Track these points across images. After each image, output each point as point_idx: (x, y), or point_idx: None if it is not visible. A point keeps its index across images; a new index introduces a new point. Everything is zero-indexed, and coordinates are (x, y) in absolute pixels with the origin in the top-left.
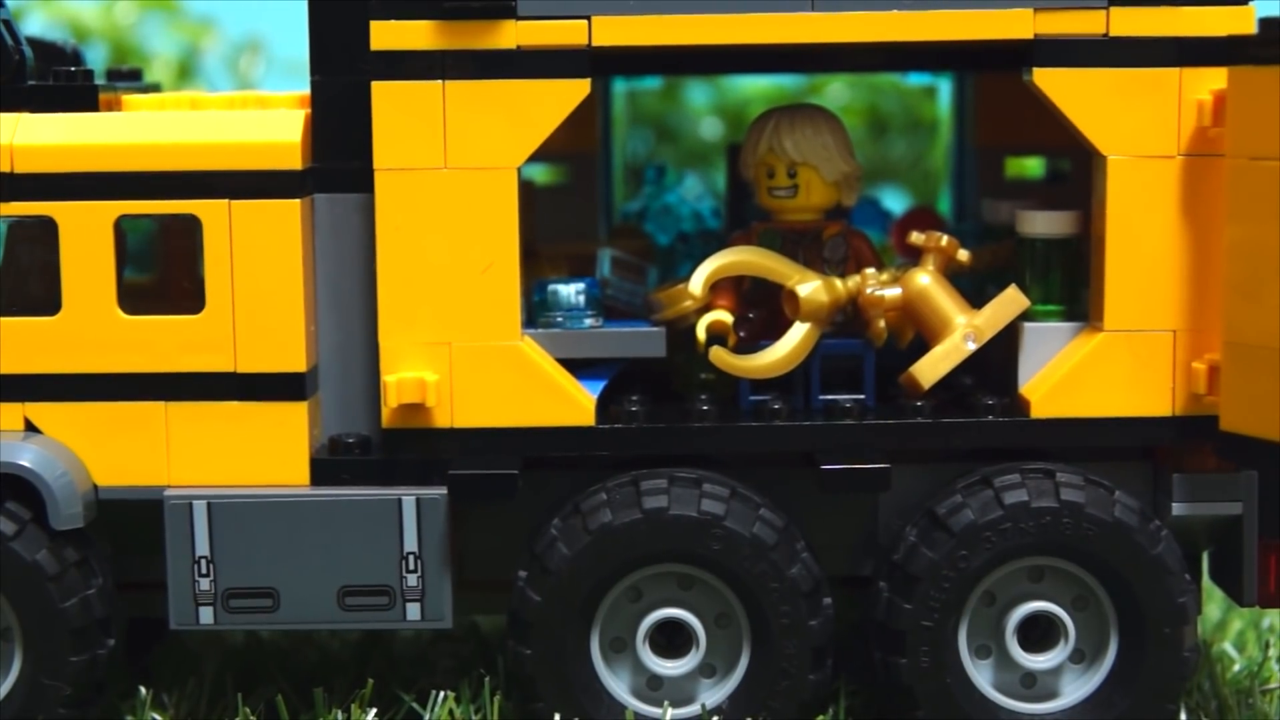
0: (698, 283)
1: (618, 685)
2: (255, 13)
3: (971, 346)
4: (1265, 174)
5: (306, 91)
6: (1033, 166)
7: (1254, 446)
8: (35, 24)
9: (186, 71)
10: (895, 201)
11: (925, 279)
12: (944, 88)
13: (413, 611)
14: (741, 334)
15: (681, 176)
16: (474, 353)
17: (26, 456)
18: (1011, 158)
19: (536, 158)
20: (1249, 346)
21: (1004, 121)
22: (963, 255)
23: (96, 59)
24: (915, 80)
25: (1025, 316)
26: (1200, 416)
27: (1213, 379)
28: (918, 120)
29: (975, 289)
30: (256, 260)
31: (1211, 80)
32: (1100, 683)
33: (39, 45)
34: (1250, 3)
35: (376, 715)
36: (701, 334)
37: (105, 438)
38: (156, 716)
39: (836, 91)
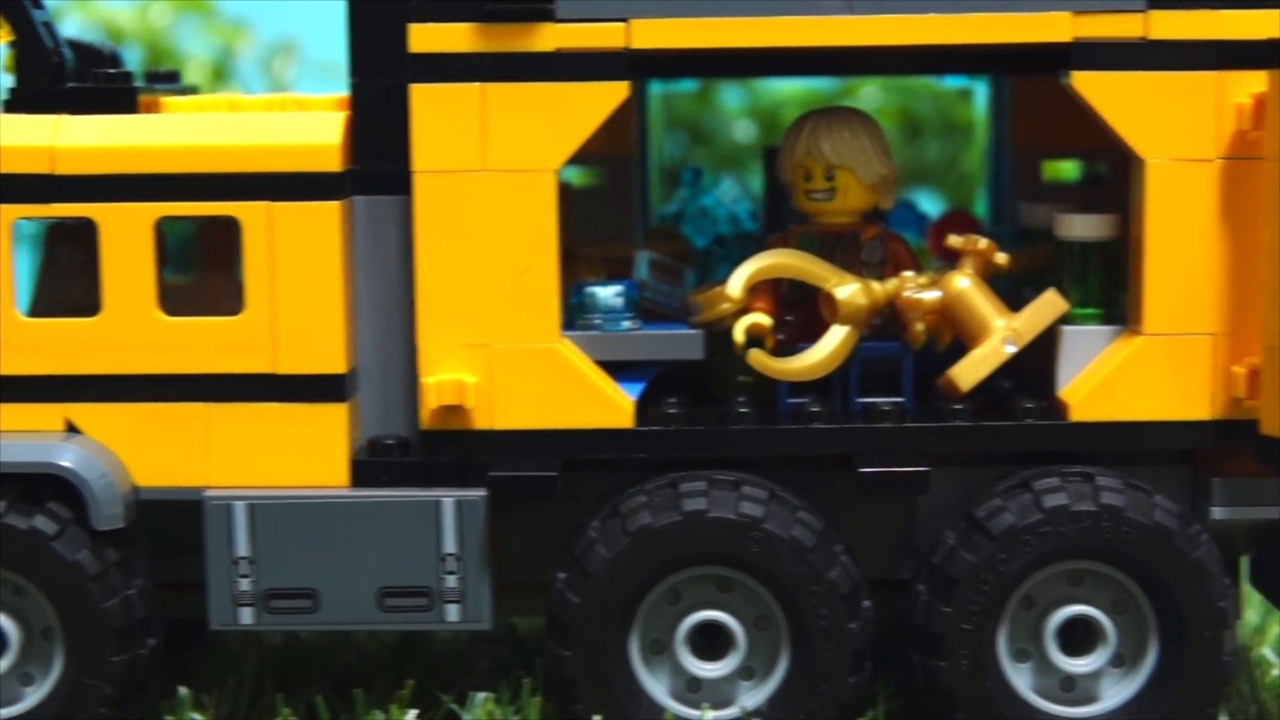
0: (736, 285)
1: (657, 687)
2: (289, 15)
3: (1010, 349)
4: None
5: (345, 94)
6: (1068, 169)
7: None
8: (71, 26)
9: (221, 74)
10: (929, 204)
11: (963, 282)
12: (980, 90)
13: (452, 613)
14: (780, 336)
15: (718, 179)
16: (513, 355)
17: (67, 457)
18: (1048, 160)
19: (572, 160)
20: None
21: (1040, 124)
22: (1001, 258)
23: (131, 61)
24: (951, 83)
25: (1064, 320)
26: (1240, 420)
27: (1252, 383)
28: (951, 123)
29: (1013, 292)
30: (296, 262)
31: (1251, 83)
32: (1140, 687)
33: (78, 47)
34: None
35: (416, 715)
36: (740, 336)
37: (145, 438)
38: (197, 716)
39: (870, 94)
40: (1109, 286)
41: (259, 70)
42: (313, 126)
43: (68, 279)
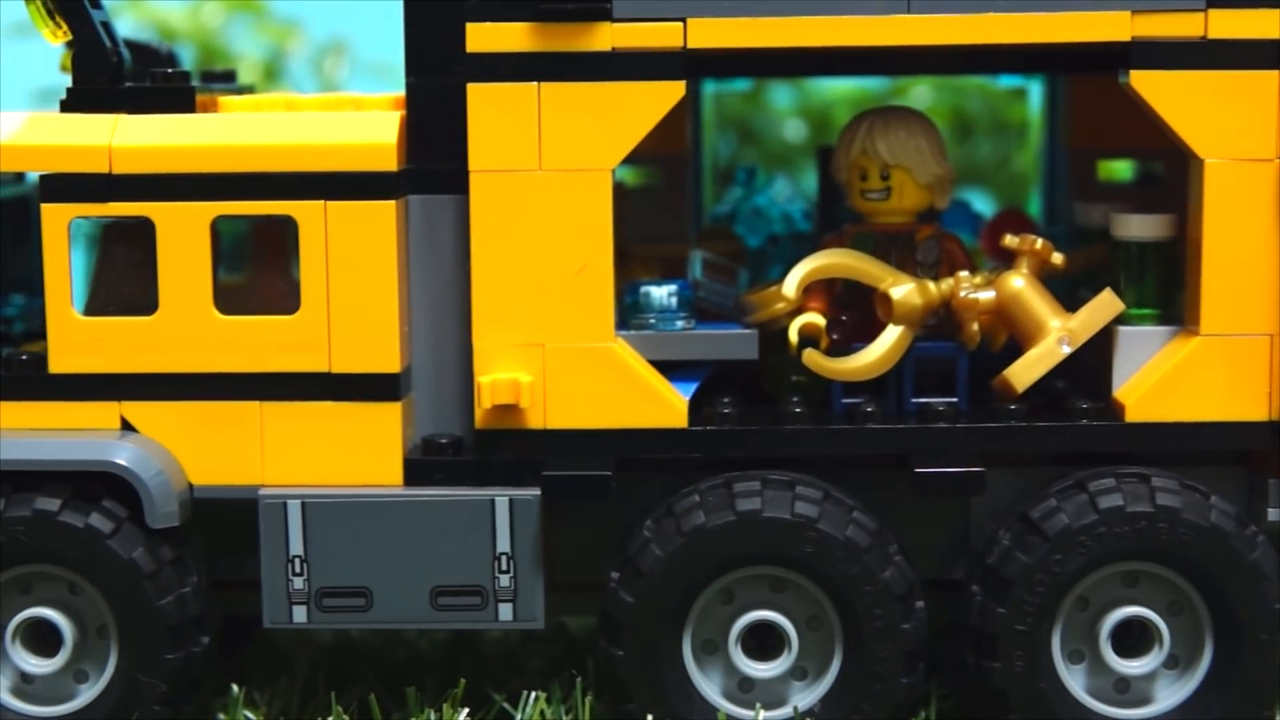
0: (791, 285)
1: (709, 687)
2: (340, 15)
3: (1066, 350)
4: None
5: (401, 93)
6: (1122, 169)
7: None
8: (124, 25)
9: (272, 73)
10: (981, 204)
11: (1019, 282)
12: (1034, 90)
13: (505, 612)
14: (834, 336)
15: (772, 179)
16: (567, 354)
17: (123, 455)
18: (1103, 160)
19: (627, 160)
20: None
21: (1096, 123)
22: (1057, 258)
23: (184, 60)
24: (1006, 82)
25: (1120, 320)
26: None
27: None
28: (1003, 122)
29: (1068, 292)
30: (351, 261)
31: None
32: (1195, 689)
33: (135, 47)
34: None
35: (468, 715)
36: (794, 336)
37: (200, 437)
38: (249, 714)
39: (921, 94)
40: (1165, 287)
41: (310, 70)
42: (369, 126)
43: (124, 278)
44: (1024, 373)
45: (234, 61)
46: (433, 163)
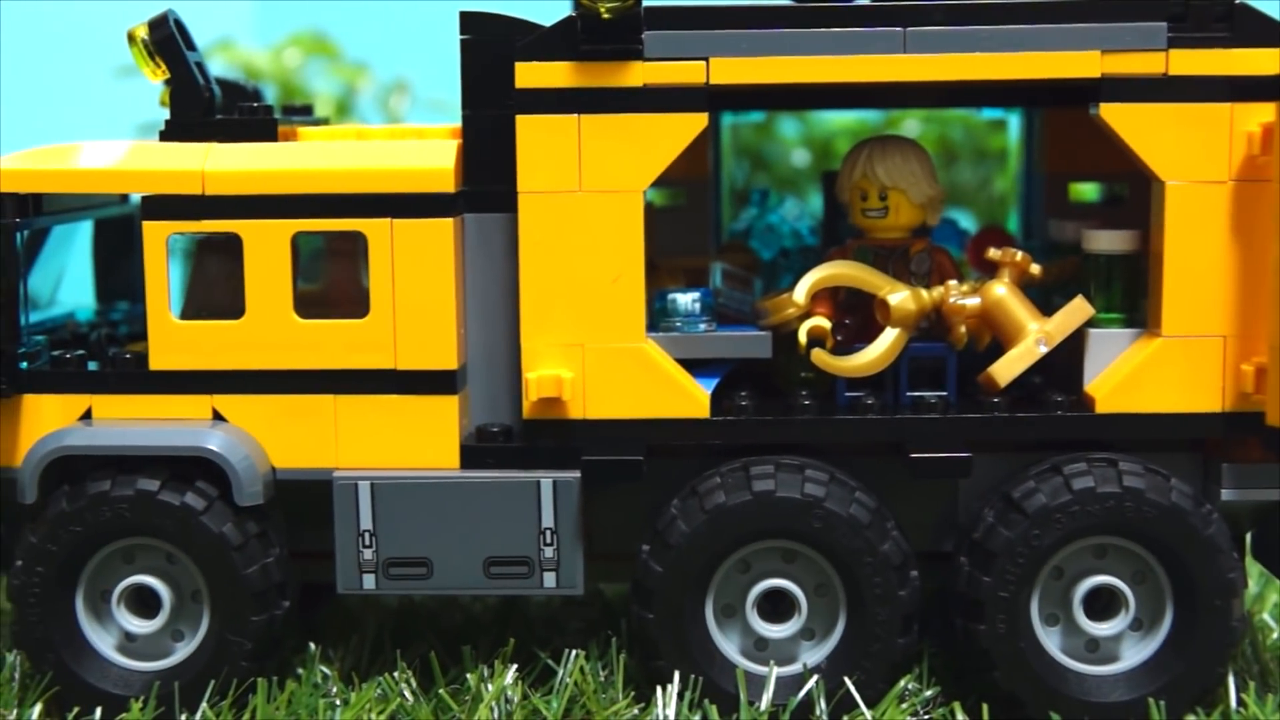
0: (801, 292)
1: (729, 646)
2: (403, 58)
3: (1043, 350)
4: None
5: (457, 124)
6: (1089, 191)
7: None
8: (216, 67)
9: (344, 108)
10: (966, 222)
11: (1001, 290)
12: (1013, 121)
13: (549, 579)
14: (838, 338)
15: (782, 199)
16: (604, 353)
17: (214, 442)
18: (1073, 182)
19: (656, 182)
20: None
21: (1067, 150)
22: (1035, 269)
23: (267, 96)
24: (987, 114)
25: (1090, 323)
26: (1248, 413)
27: (1260, 379)
28: (983, 150)
29: (1043, 300)
30: (414, 271)
31: (1260, 114)
32: (1157, 648)
33: (226, 85)
34: None
35: (516, 671)
36: (803, 338)
37: (282, 426)
38: (325, 669)
39: (911, 125)
40: (1131, 294)
41: (377, 106)
42: (430, 153)
43: (215, 286)
44: (1005, 370)
45: (311, 98)
46: (486, 185)
